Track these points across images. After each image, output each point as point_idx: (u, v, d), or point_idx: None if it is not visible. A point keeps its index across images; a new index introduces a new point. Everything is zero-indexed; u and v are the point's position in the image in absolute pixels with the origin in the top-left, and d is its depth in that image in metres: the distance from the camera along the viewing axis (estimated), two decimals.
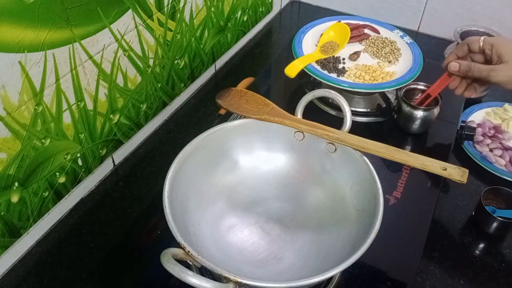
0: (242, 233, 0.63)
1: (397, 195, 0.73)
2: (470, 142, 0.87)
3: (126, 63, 0.71)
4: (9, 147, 0.56)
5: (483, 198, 0.72)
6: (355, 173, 0.61)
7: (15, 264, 0.64)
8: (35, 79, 0.56)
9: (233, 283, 0.46)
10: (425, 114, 0.81)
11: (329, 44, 0.88)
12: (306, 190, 0.66)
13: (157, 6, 0.73)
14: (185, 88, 0.91)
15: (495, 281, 0.66)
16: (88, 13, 0.60)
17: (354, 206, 0.60)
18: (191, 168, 0.61)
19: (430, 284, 0.65)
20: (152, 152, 0.83)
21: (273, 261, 0.60)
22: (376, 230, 0.51)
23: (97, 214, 0.71)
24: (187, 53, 0.87)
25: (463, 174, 0.56)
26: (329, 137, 0.62)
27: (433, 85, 0.78)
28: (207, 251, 0.57)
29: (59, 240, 0.67)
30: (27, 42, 0.53)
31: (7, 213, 0.59)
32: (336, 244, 0.58)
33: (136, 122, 0.80)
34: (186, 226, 0.56)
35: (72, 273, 0.63)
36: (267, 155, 0.68)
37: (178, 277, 0.45)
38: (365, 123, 0.88)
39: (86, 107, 0.66)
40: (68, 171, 0.67)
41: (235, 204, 0.66)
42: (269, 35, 1.17)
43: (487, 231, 0.72)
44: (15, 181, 0.59)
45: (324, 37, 0.90)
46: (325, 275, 0.47)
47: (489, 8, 1.06)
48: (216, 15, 0.92)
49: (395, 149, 0.59)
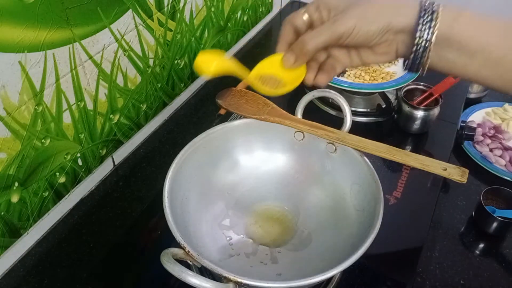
0: (242, 233, 0.63)
1: (397, 195, 0.73)
2: (470, 142, 0.87)
3: (126, 63, 0.71)
4: (9, 147, 0.56)
5: (483, 198, 0.72)
6: (355, 173, 0.61)
7: (15, 264, 0.64)
8: (35, 79, 0.56)
9: (233, 283, 0.46)
10: (425, 114, 0.81)
11: (270, 78, 0.53)
12: (306, 190, 0.66)
13: (157, 6, 0.73)
14: (185, 88, 0.91)
15: (495, 281, 0.66)
16: (88, 13, 0.60)
17: (354, 206, 0.60)
18: (191, 168, 0.61)
19: (430, 284, 0.65)
20: (152, 152, 0.83)
21: (273, 261, 0.60)
22: (376, 230, 0.51)
23: (97, 214, 0.71)
24: (187, 53, 0.87)
25: (463, 174, 0.56)
26: (329, 137, 0.62)
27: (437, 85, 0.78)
28: (207, 251, 0.57)
29: (59, 240, 0.67)
30: (27, 42, 0.53)
31: (7, 213, 0.59)
32: (336, 244, 0.58)
33: (136, 122, 0.80)
34: (186, 226, 0.56)
35: (72, 273, 0.63)
36: (267, 155, 0.69)
37: (178, 277, 0.45)
38: (365, 123, 0.88)
39: (86, 107, 0.66)
40: (68, 171, 0.67)
41: (235, 204, 0.66)
42: (269, 35, 1.17)
43: (487, 231, 0.72)
44: (15, 181, 0.59)
45: (265, 64, 0.52)
46: (325, 275, 0.47)
47: (489, 8, 1.06)
48: (216, 15, 0.92)
49: (395, 149, 0.59)
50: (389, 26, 0.43)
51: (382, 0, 0.45)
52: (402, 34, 0.44)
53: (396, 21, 0.43)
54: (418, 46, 0.43)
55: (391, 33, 0.44)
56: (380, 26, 0.43)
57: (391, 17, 0.43)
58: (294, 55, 0.47)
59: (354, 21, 0.43)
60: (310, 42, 0.45)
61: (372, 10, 0.44)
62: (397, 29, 0.43)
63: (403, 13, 0.43)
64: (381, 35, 0.44)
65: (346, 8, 0.45)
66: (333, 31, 0.44)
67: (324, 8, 0.47)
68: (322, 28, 0.45)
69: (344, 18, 0.44)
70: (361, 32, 0.44)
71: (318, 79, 0.49)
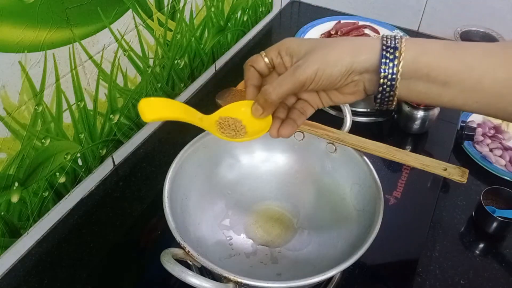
0: (242, 233, 0.63)
1: (397, 195, 0.73)
2: (470, 142, 0.87)
3: (126, 63, 0.71)
4: (9, 147, 0.56)
5: (483, 198, 0.72)
6: (355, 173, 0.61)
7: (15, 264, 0.64)
8: (35, 79, 0.56)
9: (233, 283, 0.46)
10: (425, 114, 0.81)
11: (232, 121, 0.49)
12: (306, 190, 0.67)
13: (157, 6, 0.73)
14: (185, 88, 0.91)
15: (495, 281, 0.66)
16: (88, 13, 0.60)
17: (354, 206, 0.60)
18: (191, 168, 0.61)
19: (430, 284, 0.65)
20: (152, 152, 0.83)
21: (273, 261, 0.60)
22: (376, 230, 0.51)
23: (97, 214, 0.71)
24: (187, 53, 0.87)
25: (463, 174, 0.56)
26: (329, 137, 0.62)
27: None
28: (207, 251, 0.57)
29: (59, 240, 0.67)
30: (27, 42, 0.53)
31: (7, 213, 0.59)
32: (336, 244, 0.58)
33: (136, 122, 0.80)
34: (186, 226, 0.56)
35: (72, 273, 0.63)
36: (267, 155, 0.69)
37: (178, 277, 0.45)
38: (365, 123, 0.88)
39: (86, 107, 0.66)
40: (68, 171, 0.67)
41: (235, 204, 0.66)
42: (269, 35, 1.17)
43: (487, 231, 0.72)
44: (15, 181, 0.59)
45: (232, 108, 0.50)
46: (325, 275, 0.47)
47: (489, 8, 1.06)
48: (216, 15, 0.92)
49: (395, 149, 0.59)
50: (351, 68, 0.42)
51: (343, 42, 0.43)
52: (367, 73, 0.43)
53: (358, 62, 0.42)
54: (384, 84, 0.42)
55: (355, 74, 0.43)
56: (343, 69, 0.42)
57: (353, 58, 0.42)
58: (261, 107, 0.46)
59: (315, 67, 0.42)
60: (273, 93, 0.44)
61: (333, 54, 0.42)
62: (361, 69, 0.42)
63: (365, 53, 0.42)
64: (345, 77, 0.43)
65: (307, 53, 0.44)
66: (295, 80, 0.43)
67: (285, 54, 0.46)
68: (285, 77, 0.44)
69: (305, 65, 0.43)
70: (324, 77, 0.42)
71: (281, 131, 0.47)
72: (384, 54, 0.41)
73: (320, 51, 0.43)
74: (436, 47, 0.42)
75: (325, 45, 0.43)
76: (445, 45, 0.41)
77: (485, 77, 0.40)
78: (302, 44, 0.45)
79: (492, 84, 0.40)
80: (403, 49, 0.41)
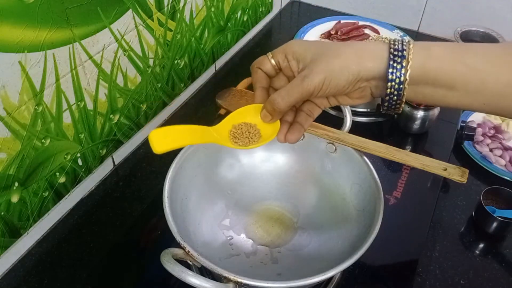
0: (242, 233, 0.63)
1: (397, 195, 0.73)
2: (470, 142, 0.87)
3: (126, 63, 0.71)
4: (9, 147, 0.56)
5: (483, 198, 0.72)
6: (355, 173, 0.61)
7: (15, 264, 0.64)
8: (35, 79, 0.56)
9: (233, 283, 0.46)
10: (425, 114, 0.81)
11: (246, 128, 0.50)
12: (306, 190, 0.67)
13: (157, 6, 0.73)
14: (185, 88, 0.91)
15: (495, 281, 0.66)
16: (88, 13, 0.60)
17: (354, 206, 0.60)
18: (191, 168, 0.61)
19: (430, 284, 0.65)
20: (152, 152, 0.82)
21: (273, 261, 0.60)
22: (376, 230, 0.51)
23: (97, 214, 0.71)
24: (187, 53, 0.87)
25: (463, 174, 0.56)
26: (329, 137, 0.62)
27: None
28: (207, 251, 0.57)
29: (59, 240, 0.67)
30: (27, 42, 0.53)
31: (7, 213, 0.59)
32: (336, 244, 0.58)
33: (136, 122, 0.80)
34: (186, 226, 0.56)
35: (72, 273, 0.63)
36: (267, 155, 0.69)
37: (178, 277, 0.45)
38: (365, 123, 0.88)
39: (86, 107, 0.66)
40: (68, 171, 0.67)
41: (235, 204, 0.66)
42: (269, 35, 1.17)
43: (487, 231, 0.72)
44: (15, 181, 0.59)
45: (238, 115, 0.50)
46: (325, 275, 0.47)
47: (489, 8, 1.06)
48: (216, 15, 0.92)
49: (395, 149, 0.59)
50: (359, 76, 0.42)
51: (348, 49, 0.43)
52: (374, 80, 0.43)
53: (365, 70, 0.42)
54: (392, 92, 0.42)
55: (363, 81, 0.43)
56: (350, 77, 0.42)
57: (359, 66, 0.42)
58: (270, 114, 0.47)
59: (322, 77, 0.42)
60: (282, 102, 0.44)
61: (339, 62, 0.42)
62: (368, 77, 0.43)
63: (371, 61, 0.42)
64: (352, 84, 0.43)
65: (313, 60, 0.44)
66: (303, 90, 0.43)
67: (292, 58, 0.46)
68: (293, 87, 0.44)
69: (312, 75, 0.43)
70: (331, 85, 0.43)
71: (288, 137, 0.49)
72: (391, 63, 0.41)
73: (325, 59, 0.43)
74: (442, 51, 0.42)
75: (331, 52, 0.43)
76: (452, 48, 0.42)
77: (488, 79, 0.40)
78: (308, 49, 0.45)
79: (495, 85, 0.40)
80: (410, 56, 0.41)
